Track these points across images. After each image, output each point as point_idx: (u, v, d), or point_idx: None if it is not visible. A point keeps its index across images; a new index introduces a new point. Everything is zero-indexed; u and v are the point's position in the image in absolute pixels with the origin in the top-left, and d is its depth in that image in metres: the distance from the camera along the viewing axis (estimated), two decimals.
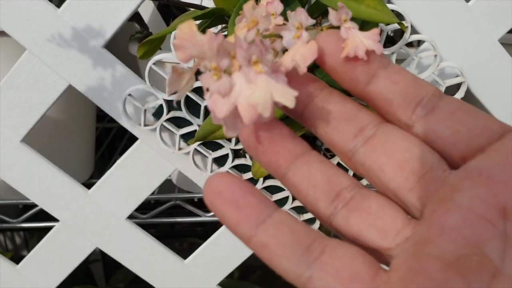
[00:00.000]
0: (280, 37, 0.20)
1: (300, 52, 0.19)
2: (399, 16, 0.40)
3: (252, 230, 0.17)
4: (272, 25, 0.20)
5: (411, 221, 0.18)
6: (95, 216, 0.48)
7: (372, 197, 0.19)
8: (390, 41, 0.53)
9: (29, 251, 0.95)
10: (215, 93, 0.17)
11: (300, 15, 0.20)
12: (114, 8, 0.41)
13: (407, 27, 0.38)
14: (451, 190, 0.18)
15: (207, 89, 0.17)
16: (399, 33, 0.51)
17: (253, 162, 0.42)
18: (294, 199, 0.46)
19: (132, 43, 0.51)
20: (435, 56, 0.40)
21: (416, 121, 0.19)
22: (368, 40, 0.19)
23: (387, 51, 0.40)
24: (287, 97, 0.17)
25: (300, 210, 0.47)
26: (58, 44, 0.42)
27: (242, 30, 0.19)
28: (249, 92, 0.17)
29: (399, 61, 0.42)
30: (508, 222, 0.17)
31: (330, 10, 0.19)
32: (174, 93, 0.18)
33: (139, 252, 0.50)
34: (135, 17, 0.51)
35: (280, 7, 0.21)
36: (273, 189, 0.46)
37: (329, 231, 0.20)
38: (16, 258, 0.53)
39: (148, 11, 0.53)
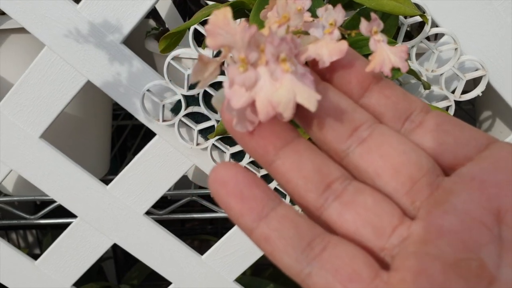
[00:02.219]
0: (307, 34, 0.20)
1: (329, 47, 0.19)
2: (418, 9, 0.39)
3: (255, 222, 0.17)
4: (302, 22, 0.20)
5: (405, 219, 0.18)
6: (113, 212, 0.48)
7: (366, 191, 0.18)
8: (406, 35, 0.53)
9: (42, 249, 0.95)
10: (237, 84, 0.17)
11: (338, 14, 0.19)
12: (133, 4, 0.41)
13: (428, 19, 0.38)
14: (446, 193, 0.18)
15: (232, 81, 0.17)
16: (416, 27, 0.51)
17: None
18: None
19: (149, 40, 0.51)
20: (456, 49, 0.40)
21: (404, 135, 0.19)
22: (394, 57, 0.19)
23: (408, 45, 0.40)
24: (310, 100, 0.17)
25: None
26: (77, 40, 0.42)
27: (273, 25, 0.19)
28: (272, 89, 0.17)
29: (418, 55, 0.42)
30: (503, 225, 0.17)
31: (362, 20, 0.19)
32: (196, 84, 0.18)
33: (157, 248, 0.50)
34: (152, 13, 0.51)
35: (308, 2, 0.21)
36: None
37: None
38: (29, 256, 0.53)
39: (165, 7, 0.54)
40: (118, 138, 0.84)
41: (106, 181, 0.49)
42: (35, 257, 0.52)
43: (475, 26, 0.40)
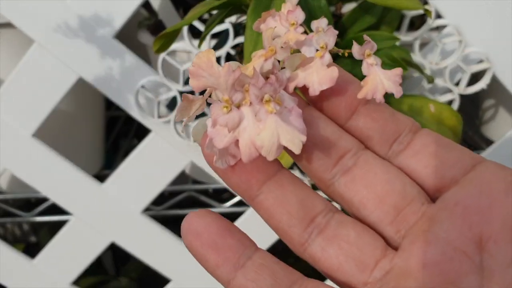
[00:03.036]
0: (298, 51, 0.19)
1: (320, 74, 0.18)
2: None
3: (231, 273, 0.17)
4: (293, 41, 0.19)
5: (388, 250, 0.18)
6: (109, 210, 0.47)
7: (349, 225, 0.18)
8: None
9: (38, 239, 0.95)
10: (220, 125, 0.16)
11: (330, 37, 0.18)
12: None
13: (431, 12, 0.37)
14: (429, 222, 0.17)
15: (215, 121, 0.16)
16: (418, 16, 0.50)
17: None
18: None
19: (141, 31, 0.50)
20: (460, 41, 0.38)
21: (392, 157, 0.19)
22: (388, 81, 0.18)
23: (410, 37, 0.39)
24: (294, 142, 0.16)
25: None
26: (67, 36, 0.41)
27: (259, 59, 0.18)
28: (255, 131, 0.16)
29: (421, 45, 0.40)
30: (484, 254, 0.17)
31: (354, 43, 0.18)
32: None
33: (155, 245, 0.49)
34: (144, 4, 0.50)
35: (301, 16, 0.20)
36: None
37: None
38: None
39: None
40: (112, 129, 0.83)
41: (100, 176, 0.48)
42: (31, 245, 0.51)
43: (480, 17, 0.39)
